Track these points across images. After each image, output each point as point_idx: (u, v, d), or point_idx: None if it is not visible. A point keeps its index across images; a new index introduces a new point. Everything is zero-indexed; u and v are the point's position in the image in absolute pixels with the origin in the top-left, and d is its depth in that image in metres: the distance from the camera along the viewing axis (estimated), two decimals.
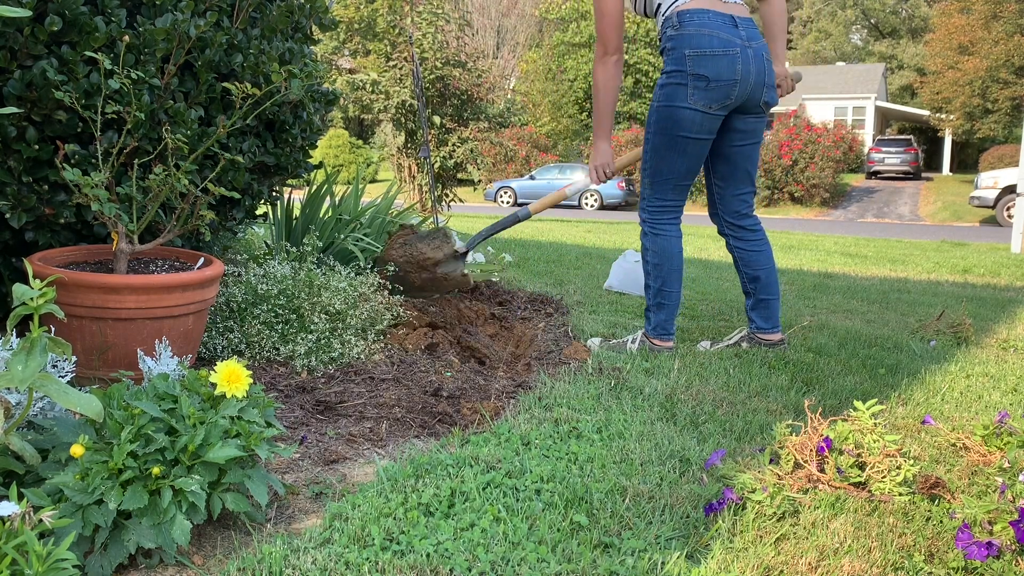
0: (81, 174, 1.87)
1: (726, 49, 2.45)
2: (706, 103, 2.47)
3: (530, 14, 30.60)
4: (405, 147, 9.99)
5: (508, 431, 1.87)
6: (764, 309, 2.79)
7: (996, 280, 5.58)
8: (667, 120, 2.53)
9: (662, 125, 2.55)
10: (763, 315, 2.79)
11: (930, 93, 24.76)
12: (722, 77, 2.44)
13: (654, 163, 2.63)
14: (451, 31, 10.50)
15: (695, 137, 2.54)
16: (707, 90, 2.45)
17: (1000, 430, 1.79)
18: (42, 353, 1.19)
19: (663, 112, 2.54)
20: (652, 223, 2.69)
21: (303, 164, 2.90)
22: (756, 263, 2.78)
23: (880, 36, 41.97)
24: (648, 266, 2.71)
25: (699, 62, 2.44)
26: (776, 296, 2.80)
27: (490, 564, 1.26)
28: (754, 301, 2.80)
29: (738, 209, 2.81)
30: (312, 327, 2.47)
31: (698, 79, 2.45)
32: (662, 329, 2.71)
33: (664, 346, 2.71)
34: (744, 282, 2.82)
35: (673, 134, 2.54)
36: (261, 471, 1.39)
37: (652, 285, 2.70)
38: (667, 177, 2.62)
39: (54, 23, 1.89)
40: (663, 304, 2.69)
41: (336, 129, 27.85)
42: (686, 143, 2.55)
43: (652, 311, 2.72)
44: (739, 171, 2.73)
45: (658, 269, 2.68)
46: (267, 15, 2.55)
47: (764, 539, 1.36)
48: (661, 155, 2.59)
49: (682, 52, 2.46)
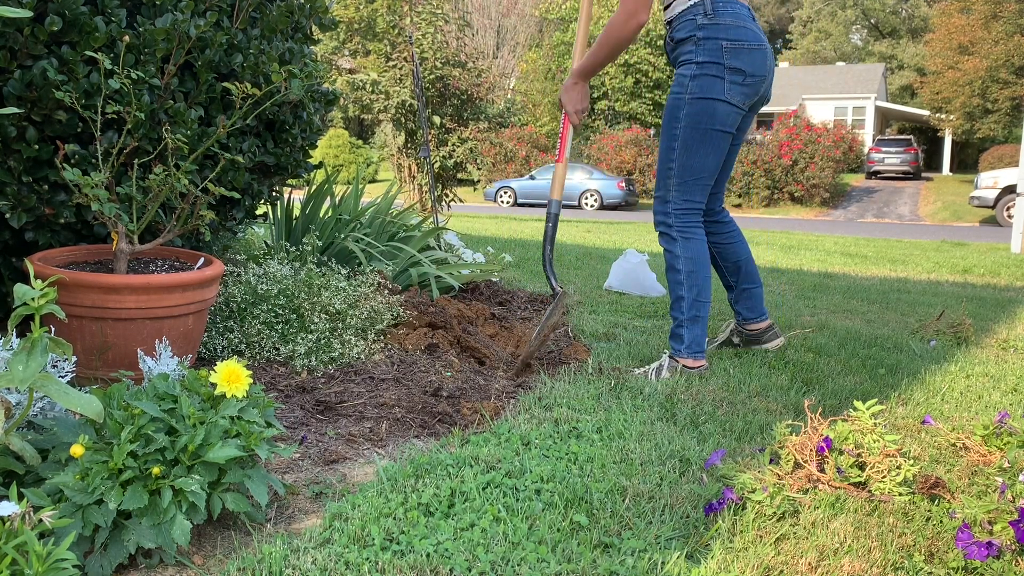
0: (81, 174, 1.87)
1: (760, 43, 2.37)
2: (741, 98, 2.38)
3: (530, 14, 30.61)
4: (405, 147, 9.98)
5: (508, 431, 1.87)
6: (748, 300, 2.72)
7: (996, 280, 5.58)
8: (702, 114, 2.37)
9: (696, 119, 2.38)
10: (748, 305, 2.72)
11: (930, 93, 24.76)
12: (757, 72, 2.36)
13: (684, 160, 2.43)
14: (451, 31, 10.50)
15: (728, 131, 2.42)
16: (743, 84, 2.35)
17: (1000, 430, 1.79)
18: (43, 353, 1.19)
19: (698, 105, 2.37)
20: (682, 228, 2.46)
21: (303, 164, 2.90)
22: (734, 253, 2.70)
23: (880, 36, 41.98)
24: (680, 275, 2.45)
25: (737, 55, 2.33)
26: (758, 284, 2.73)
27: (490, 564, 1.26)
28: (736, 293, 2.73)
29: (713, 206, 2.68)
30: (312, 327, 2.47)
31: (735, 72, 2.33)
32: (697, 347, 2.45)
33: (699, 366, 2.45)
34: (724, 276, 2.74)
35: (707, 128, 2.38)
36: (261, 471, 1.39)
37: (686, 296, 2.44)
38: (698, 175, 2.44)
39: (54, 23, 1.89)
40: (698, 317, 2.45)
41: (336, 129, 27.86)
42: (720, 138, 2.41)
43: (686, 327, 2.44)
44: (727, 169, 2.64)
45: (693, 277, 2.44)
46: (267, 15, 2.54)
47: (764, 539, 1.36)
48: (693, 151, 2.41)
49: (718, 43, 2.32)
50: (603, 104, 28.22)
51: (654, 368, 2.43)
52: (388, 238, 3.63)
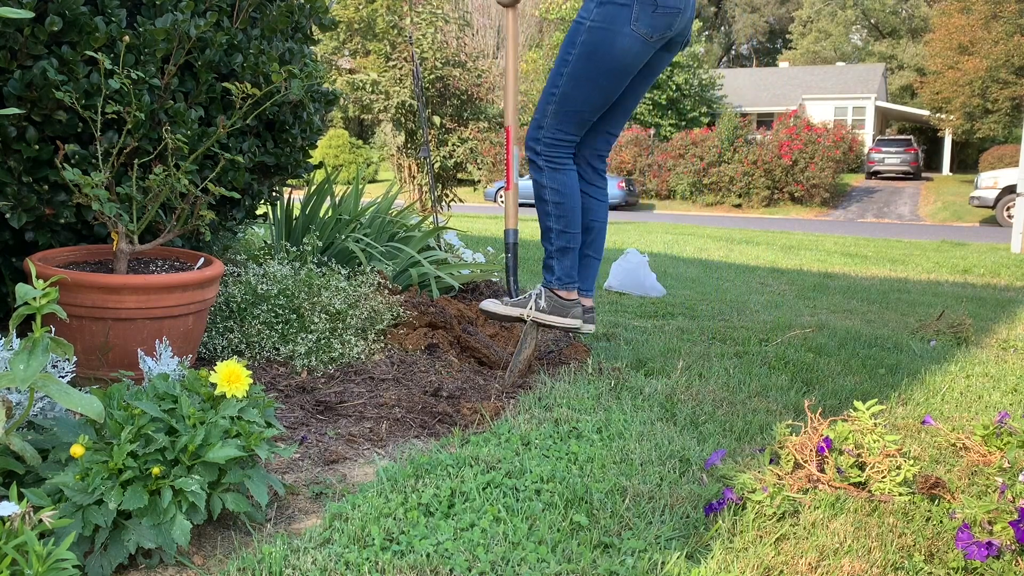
0: (81, 174, 1.87)
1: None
2: (649, 30, 2.20)
3: (530, 14, 30.60)
4: (405, 147, 9.99)
5: (508, 431, 1.87)
6: (584, 269, 2.52)
7: (996, 280, 5.58)
8: (599, 44, 2.21)
9: (591, 50, 2.22)
10: (582, 275, 2.52)
11: (930, 93, 24.75)
12: (669, 3, 2.19)
13: (567, 90, 2.29)
14: (451, 31, 10.50)
15: (623, 69, 2.26)
16: (654, 15, 2.18)
17: (1000, 430, 1.79)
18: (44, 353, 1.19)
19: (596, 35, 2.20)
20: (551, 157, 2.35)
21: (303, 164, 2.90)
22: (596, 212, 2.52)
23: (880, 36, 41.98)
24: (548, 206, 2.38)
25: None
26: (599, 258, 2.56)
27: (490, 564, 1.26)
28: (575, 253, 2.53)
29: (601, 151, 2.51)
30: (312, 327, 2.47)
31: (645, 1, 2.16)
32: (568, 278, 2.41)
33: (570, 298, 2.41)
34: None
35: (600, 62, 2.23)
36: (261, 471, 1.39)
37: (554, 227, 2.38)
38: (578, 109, 2.30)
39: (54, 23, 1.89)
40: (567, 248, 2.39)
41: (336, 129, 27.86)
42: (612, 75, 2.25)
43: (556, 258, 2.40)
44: (626, 109, 2.45)
45: (560, 208, 2.36)
46: (267, 15, 2.54)
47: (764, 539, 1.36)
48: (578, 83, 2.27)
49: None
50: None
51: (533, 297, 2.42)
52: (388, 238, 3.63)
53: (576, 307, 2.41)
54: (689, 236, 9.85)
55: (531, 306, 2.41)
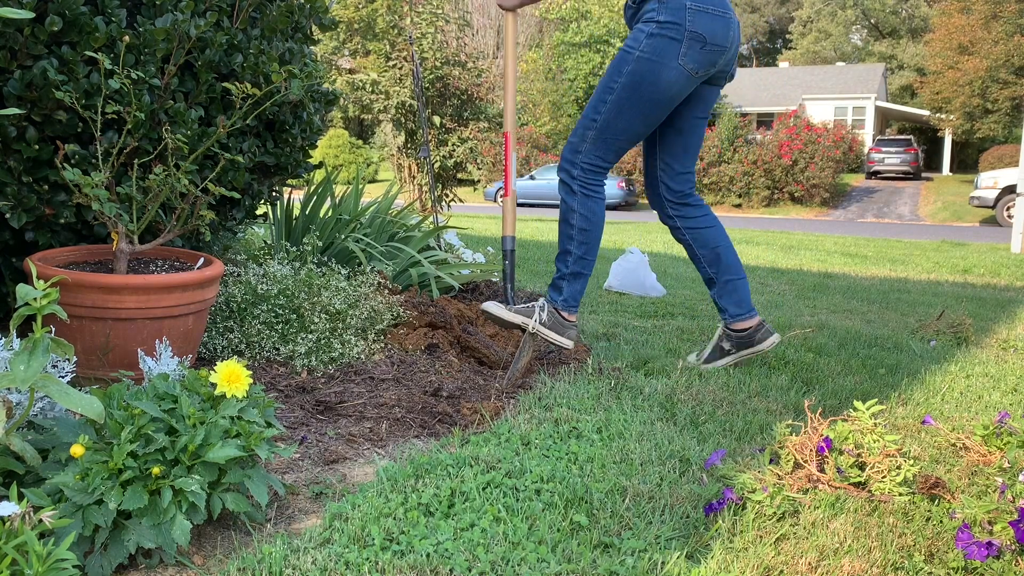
0: (81, 174, 1.88)
1: (725, 11, 2.26)
2: (695, 66, 2.25)
3: (530, 14, 30.59)
4: (405, 147, 9.99)
5: (508, 431, 1.87)
6: (733, 292, 2.52)
7: (996, 280, 5.58)
8: (646, 75, 2.26)
9: (637, 80, 2.27)
10: (735, 300, 2.52)
11: (930, 93, 24.75)
12: (717, 40, 2.25)
13: (610, 118, 2.33)
14: (451, 31, 10.51)
15: (666, 102, 2.31)
16: (701, 52, 2.23)
17: (1000, 430, 1.79)
18: (44, 353, 1.19)
19: (644, 65, 2.25)
20: (585, 183, 2.39)
21: (303, 164, 2.90)
22: (711, 239, 2.53)
23: (880, 36, 41.98)
24: (572, 230, 2.40)
25: (700, 18, 2.22)
26: (742, 276, 2.54)
27: (490, 564, 1.26)
28: (719, 287, 2.54)
29: (683, 189, 2.54)
30: (312, 327, 2.47)
31: (695, 37, 2.21)
32: (574, 301, 2.44)
33: (571, 321, 2.44)
34: (704, 268, 2.56)
35: (645, 93, 2.27)
36: (261, 471, 1.39)
37: (574, 252, 2.41)
38: (618, 136, 2.34)
39: (54, 23, 1.89)
40: (580, 274, 2.43)
41: (336, 129, 27.86)
42: (656, 106, 2.30)
43: (567, 280, 2.42)
44: (690, 145, 2.50)
45: (584, 235, 2.40)
46: (267, 15, 2.54)
47: (764, 539, 1.36)
48: (622, 111, 2.31)
49: (682, 2, 2.21)
50: None
51: (537, 308, 2.43)
52: (388, 238, 3.63)
53: (573, 329, 2.46)
54: None
55: (536, 317, 2.42)
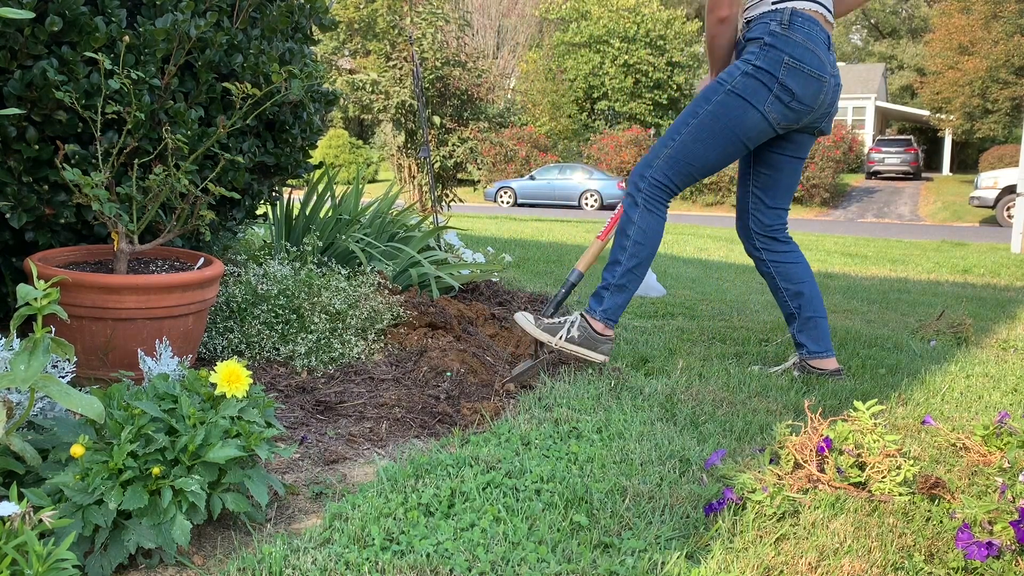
0: (81, 174, 1.88)
1: (821, 74, 2.26)
2: (779, 117, 2.28)
3: (530, 14, 30.60)
4: (405, 147, 9.99)
5: (508, 431, 1.87)
6: (813, 330, 2.48)
7: (996, 280, 5.58)
8: (732, 109, 2.28)
9: (722, 112, 2.29)
10: (813, 336, 2.48)
11: (930, 93, 24.75)
12: (806, 100, 2.26)
13: (687, 141, 2.33)
14: (451, 31, 10.51)
15: (744, 141, 2.32)
16: (787, 106, 2.26)
17: (1000, 430, 1.79)
18: (44, 354, 1.19)
19: (733, 100, 2.27)
20: (649, 197, 2.38)
21: (303, 164, 2.90)
22: (796, 275, 2.50)
23: (880, 36, 41.98)
24: (627, 241, 2.38)
25: (794, 75, 2.23)
26: (824, 315, 2.51)
27: (490, 564, 1.26)
28: (800, 322, 2.50)
29: (774, 223, 2.53)
30: (312, 327, 2.47)
31: (785, 91, 2.24)
32: (612, 314, 2.40)
33: (607, 335, 2.40)
34: (786, 303, 2.52)
35: (727, 127, 2.29)
36: (261, 471, 1.39)
37: (624, 263, 2.38)
38: (691, 162, 2.35)
39: (54, 23, 1.89)
40: (625, 287, 2.39)
41: (336, 129, 27.86)
42: (732, 143, 2.31)
43: (611, 291, 2.39)
44: (783, 183, 2.49)
45: (638, 248, 2.37)
46: (267, 15, 2.55)
47: (764, 539, 1.36)
48: (700, 138, 2.32)
49: (781, 56, 2.22)
50: (603, 104, 28.21)
51: (566, 324, 2.40)
52: (388, 238, 3.63)
53: (608, 344, 2.41)
54: (689, 236, 9.85)
55: (561, 334, 2.39)
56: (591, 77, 27.90)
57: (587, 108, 28.92)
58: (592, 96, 28.62)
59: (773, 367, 2.59)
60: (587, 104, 28.88)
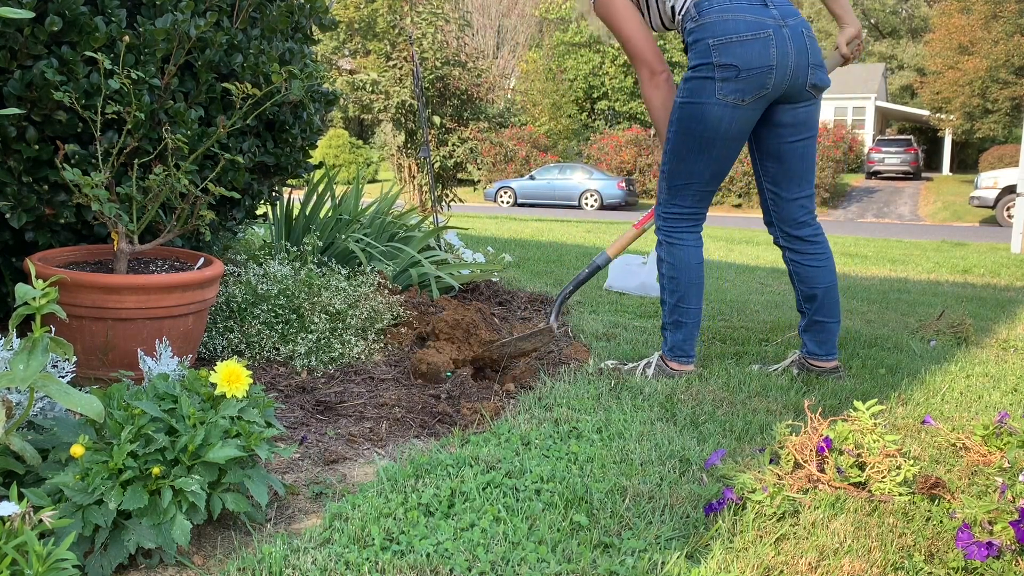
0: (81, 174, 1.88)
1: (755, 32, 2.17)
2: (737, 95, 2.20)
3: (530, 14, 30.61)
4: (405, 147, 10.00)
5: (508, 431, 1.87)
6: (819, 332, 2.47)
7: (996, 280, 5.58)
8: (691, 119, 2.26)
9: (685, 124, 2.28)
10: (816, 339, 2.47)
11: (930, 93, 24.75)
12: (753, 64, 2.17)
13: (672, 166, 2.35)
14: (451, 31, 10.52)
15: (723, 137, 2.27)
16: (737, 80, 2.18)
17: (1000, 430, 1.79)
18: (44, 353, 1.19)
19: (686, 109, 2.26)
20: (667, 231, 2.41)
21: (303, 164, 2.90)
22: (813, 279, 2.44)
23: (880, 36, 41.97)
24: (663, 279, 2.42)
25: (725, 50, 2.17)
26: (835, 319, 2.47)
27: (490, 564, 1.26)
28: (807, 322, 2.48)
29: (796, 217, 2.44)
30: (312, 327, 2.47)
31: (726, 69, 2.18)
32: (680, 351, 2.42)
33: (683, 370, 2.42)
34: (799, 300, 2.51)
35: (697, 134, 2.27)
36: (261, 471, 1.39)
37: (668, 300, 2.42)
38: (687, 182, 2.35)
39: (54, 23, 1.89)
40: (680, 323, 2.41)
41: (336, 129, 27.85)
42: (712, 144, 2.28)
43: (668, 330, 2.43)
44: (794, 171, 2.40)
45: (674, 283, 2.40)
46: (267, 15, 2.54)
47: (764, 539, 1.36)
48: (682, 157, 2.32)
49: (705, 43, 2.19)
50: (603, 104, 28.22)
51: (643, 364, 2.45)
52: (388, 238, 3.63)
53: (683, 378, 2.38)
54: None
55: (639, 372, 2.43)
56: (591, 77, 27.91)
57: (587, 108, 28.93)
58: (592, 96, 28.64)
59: (773, 365, 2.59)
60: (587, 104, 28.89)
